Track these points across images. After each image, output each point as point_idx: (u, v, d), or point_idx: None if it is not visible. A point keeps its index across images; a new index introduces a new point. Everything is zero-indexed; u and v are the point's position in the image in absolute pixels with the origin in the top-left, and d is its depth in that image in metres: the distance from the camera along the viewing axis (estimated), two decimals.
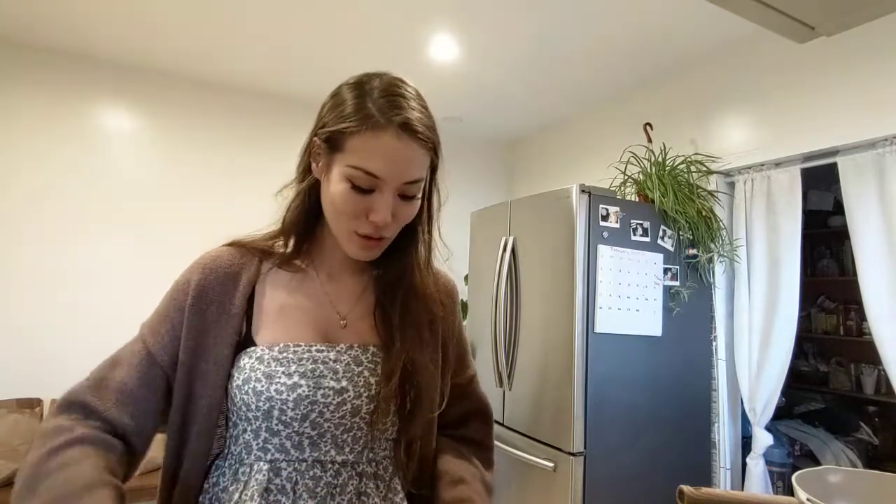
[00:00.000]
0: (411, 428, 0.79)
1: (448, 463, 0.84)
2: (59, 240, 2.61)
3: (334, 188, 0.72)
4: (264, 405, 0.71)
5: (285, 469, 0.72)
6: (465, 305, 2.97)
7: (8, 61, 2.55)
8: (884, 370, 1.95)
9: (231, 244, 0.81)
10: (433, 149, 0.74)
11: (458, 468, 0.83)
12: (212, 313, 0.75)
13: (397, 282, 0.82)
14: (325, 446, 0.74)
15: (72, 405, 0.70)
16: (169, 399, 0.74)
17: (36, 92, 2.61)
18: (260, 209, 0.79)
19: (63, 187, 2.63)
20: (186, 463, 0.73)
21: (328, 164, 0.73)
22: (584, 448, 1.91)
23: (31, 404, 2.31)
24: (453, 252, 0.89)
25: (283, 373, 0.72)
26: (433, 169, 0.79)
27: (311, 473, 0.72)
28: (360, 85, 0.72)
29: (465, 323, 2.86)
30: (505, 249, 2.25)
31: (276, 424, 0.72)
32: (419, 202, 0.76)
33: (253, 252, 0.80)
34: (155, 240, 2.79)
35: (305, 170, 0.78)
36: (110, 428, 0.69)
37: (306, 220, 0.79)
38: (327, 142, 0.72)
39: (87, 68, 2.71)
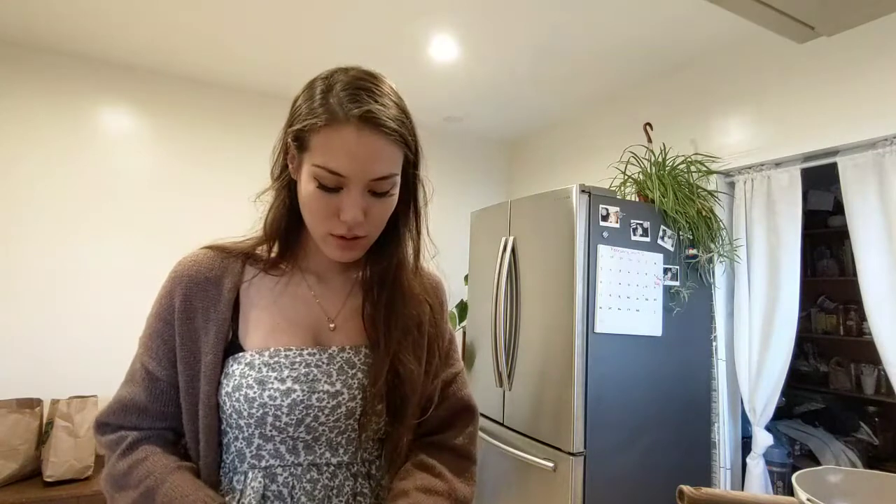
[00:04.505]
0: (400, 429, 0.77)
1: (415, 479, 0.77)
2: (59, 239, 2.61)
3: (304, 189, 0.69)
4: (257, 412, 0.69)
5: (281, 475, 0.71)
6: (464, 305, 2.97)
7: (7, 62, 2.55)
8: (884, 370, 1.95)
9: (209, 247, 0.78)
10: (404, 142, 0.69)
11: (423, 482, 0.77)
12: (199, 321, 0.73)
13: (382, 282, 0.79)
14: (320, 449, 0.73)
15: (106, 424, 0.76)
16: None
17: (36, 93, 2.60)
18: (260, 208, 0.79)
19: (63, 187, 2.63)
20: (204, 475, 0.73)
21: (299, 163, 0.70)
22: (584, 448, 1.91)
23: (31, 404, 2.31)
24: (440, 250, 0.86)
25: (275, 378, 0.71)
26: (414, 165, 0.75)
27: (308, 476, 0.72)
28: (326, 79, 0.69)
29: (464, 323, 2.86)
30: (505, 249, 2.25)
31: (270, 430, 0.71)
32: (394, 199, 0.73)
33: (235, 256, 0.78)
34: (155, 239, 2.79)
35: (283, 170, 0.75)
36: (146, 432, 0.75)
37: (288, 222, 0.76)
38: (296, 140, 0.69)
39: (88, 69, 2.71)
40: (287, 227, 0.76)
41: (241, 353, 0.73)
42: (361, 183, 0.67)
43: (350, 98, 0.66)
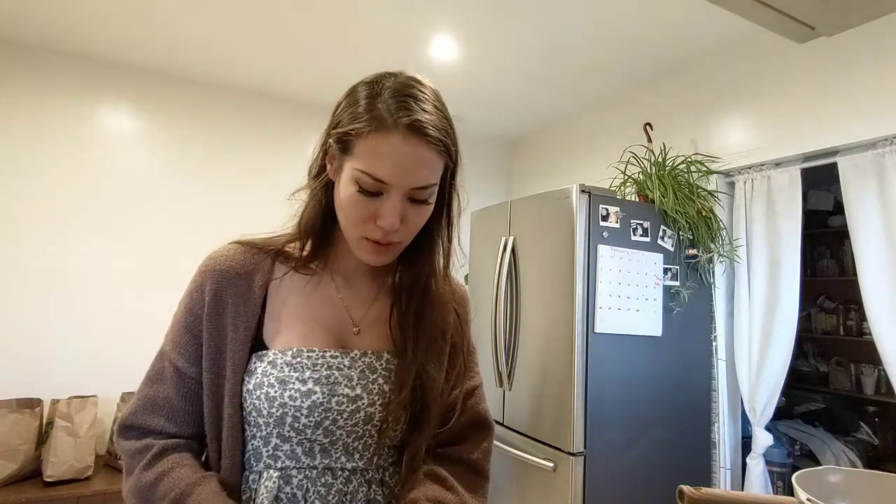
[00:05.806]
0: (419, 437, 0.77)
1: (426, 490, 0.76)
2: (58, 239, 2.61)
3: (343, 191, 0.69)
4: (277, 411, 0.69)
5: (296, 477, 0.71)
6: None
7: (7, 62, 2.55)
8: (884, 370, 1.95)
9: (239, 242, 0.78)
10: (447, 152, 0.70)
11: (433, 494, 0.75)
12: (228, 317, 0.73)
13: (413, 288, 0.79)
14: (336, 453, 0.73)
15: (132, 427, 0.74)
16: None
17: (36, 92, 2.60)
18: (260, 209, 0.78)
19: (63, 187, 2.63)
20: (225, 475, 0.72)
21: (340, 165, 0.70)
22: (584, 448, 1.91)
23: (31, 404, 2.31)
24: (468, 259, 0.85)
25: (297, 379, 0.70)
26: (452, 173, 0.75)
27: (323, 481, 0.72)
28: (374, 84, 0.69)
29: None
30: (505, 249, 2.25)
31: (289, 431, 0.70)
32: (431, 207, 0.73)
33: (265, 252, 0.78)
34: (155, 240, 2.79)
35: (321, 170, 0.74)
36: (173, 440, 0.74)
37: (322, 222, 0.76)
38: (339, 143, 0.69)
39: (87, 68, 2.71)
40: (321, 228, 0.76)
41: (264, 352, 0.73)
42: (402, 190, 0.67)
43: (398, 106, 0.66)
